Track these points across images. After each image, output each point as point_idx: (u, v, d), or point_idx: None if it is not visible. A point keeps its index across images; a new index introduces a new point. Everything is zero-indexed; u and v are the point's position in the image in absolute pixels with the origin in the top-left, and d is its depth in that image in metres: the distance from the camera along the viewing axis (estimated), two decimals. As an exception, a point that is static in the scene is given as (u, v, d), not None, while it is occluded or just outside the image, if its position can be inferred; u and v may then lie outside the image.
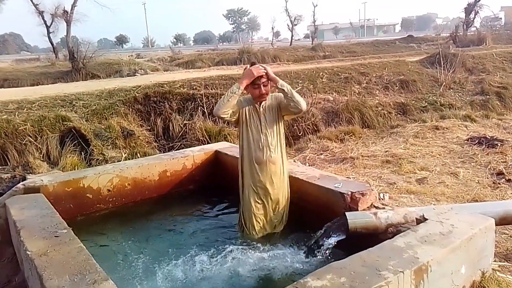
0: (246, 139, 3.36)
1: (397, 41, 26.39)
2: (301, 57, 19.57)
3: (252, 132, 3.33)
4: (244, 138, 3.37)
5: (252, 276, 2.87)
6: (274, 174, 3.37)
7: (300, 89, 8.86)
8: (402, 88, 9.96)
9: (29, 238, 2.70)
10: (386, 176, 5.14)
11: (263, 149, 3.31)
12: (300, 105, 3.21)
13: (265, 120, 3.34)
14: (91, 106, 6.75)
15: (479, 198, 4.34)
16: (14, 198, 3.51)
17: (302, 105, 3.22)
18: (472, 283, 2.65)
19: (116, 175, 4.11)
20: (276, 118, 3.37)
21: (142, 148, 6.31)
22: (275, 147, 3.35)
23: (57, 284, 2.13)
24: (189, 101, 7.50)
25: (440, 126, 7.45)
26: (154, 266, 3.05)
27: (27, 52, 46.14)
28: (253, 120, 3.33)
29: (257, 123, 3.33)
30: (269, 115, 3.35)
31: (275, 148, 3.35)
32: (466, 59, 12.14)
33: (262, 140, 3.31)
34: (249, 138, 3.34)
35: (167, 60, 19.68)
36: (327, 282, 2.07)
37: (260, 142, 3.31)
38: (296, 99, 3.19)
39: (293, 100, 3.19)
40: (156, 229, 3.78)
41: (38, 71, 14.42)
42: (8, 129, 5.66)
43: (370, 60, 12.73)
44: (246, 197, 3.42)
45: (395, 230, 2.90)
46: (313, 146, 6.67)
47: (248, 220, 3.42)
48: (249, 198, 3.40)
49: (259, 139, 3.32)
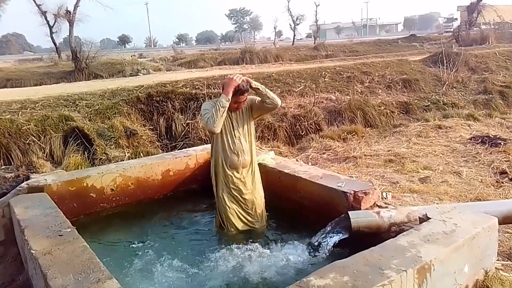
0: (220, 144, 3.46)
1: (399, 40, 26.34)
2: (304, 57, 19.55)
3: (227, 137, 3.44)
4: (218, 142, 3.47)
5: (255, 274, 2.87)
6: (247, 176, 3.53)
7: (303, 88, 8.86)
8: (405, 87, 9.94)
9: (33, 237, 2.72)
10: (389, 175, 5.13)
11: (238, 154, 3.45)
12: (275, 100, 3.40)
13: (237, 125, 3.47)
14: (94, 106, 6.76)
15: (482, 197, 4.33)
16: (18, 198, 3.53)
17: (277, 100, 3.41)
18: (475, 282, 2.65)
19: (120, 174, 4.13)
20: (248, 121, 3.52)
21: (145, 148, 6.31)
22: (248, 151, 3.50)
23: (61, 283, 2.14)
24: (191, 101, 7.50)
25: (443, 125, 7.43)
26: (158, 265, 3.06)
27: (30, 52, 46.20)
28: (227, 125, 3.42)
29: (230, 128, 3.45)
30: (241, 120, 3.49)
31: (248, 152, 3.50)
32: (469, 58, 12.10)
33: (236, 144, 3.45)
34: (223, 143, 3.45)
35: (169, 60, 19.70)
36: (330, 281, 2.08)
37: (234, 146, 3.45)
38: (271, 95, 3.39)
39: (269, 97, 3.37)
40: (159, 229, 3.79)
41: (41, 71, 14.46)
42: (11, 129, 5.66)
43: (372, 59, 12.70)
44: (221, 198, 3.53)
45: (398, 229, 2.91)
46: (315, 146, 6.66)
47: (226, 219, 3.53)
48: (224, 199, 3.52)
49: (233, 144, 3.45)
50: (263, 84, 3.29)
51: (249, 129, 3.53)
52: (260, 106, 3.46)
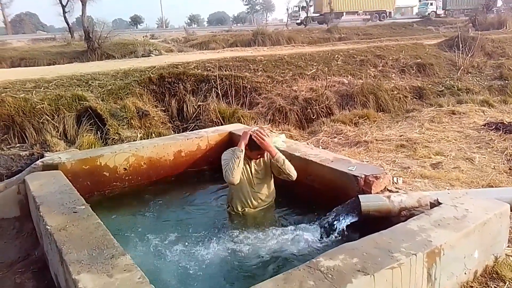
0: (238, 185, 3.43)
1: (415, 24, 25.85)
2: (316, 39, 19.34)
3: (245, 183, 3.46)
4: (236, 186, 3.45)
5: (265, 255, 2.91)
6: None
7: (315, 71, 8.79)
8: (419, 72, 9.80)
9: (48, 213, 2.78)
10: (400, 160, 5.11)
11: (251, 202, 3.51)
12: (291, 177, 3.39)
13: (257, 174, 3.51)
14: (106, 86, 6.80)
15: (495, 184, 4.29)
16: (33, 175, 3.60)
17: (292, 177, 3.40)
18: (484, 268, 2.66)
19: (132, 154, 4.17)
20: (267, 171, 3.54)
21: (157, 129, 6.36)
22: (263, 199, 3.55)
23: (76, 257, 2.20)
24: (203, 83, 7.51)
25: (457, 111, 7.34)
26: (169, 243, 3.11)
27: (43, 31, 46.34)
28: (245, 173, 3.45)
29: (250, 176, 3.49)
30: (261, 170, 3.52)
31: (263, 200, 3.56)
32: (486, 42, 11.85)
33: (254, 191, 3.50)
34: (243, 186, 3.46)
35: (181, 41, 19.65)
36: (340, 262, 2.10)
37: (252, 193, 3.49)
38: (287, 171, 3.37)
39: (285, 172, 3.37)
40: (171, 208, 3.85)
41: (54, 50, 14.54)
42: (26, 108, 5.75)
43: (386, 42, 12.52)
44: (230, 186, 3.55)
45: (409, 213, 2.90)
46: (326, 130, 6.64)
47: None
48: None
49: (251, 191, 3.49)
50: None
51: (268, 178, 3.57)
52: (276, 171, 3.49)
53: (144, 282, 1.96)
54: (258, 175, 3.50)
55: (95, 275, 2.03)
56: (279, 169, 3.39)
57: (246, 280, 2.65)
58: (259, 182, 3.51)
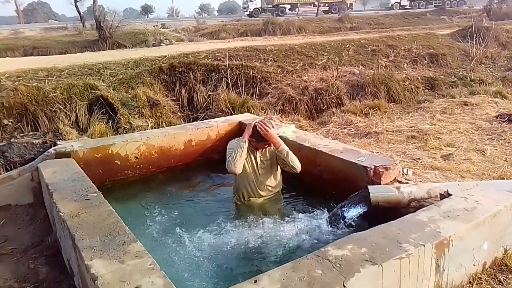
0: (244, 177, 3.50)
1: (427, 13, 25.45)
2: (327, 29, 19.15)
3: (250, 172, 3.49)
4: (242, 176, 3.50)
5: (274, 244, 2.94)
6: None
7: (325, 61, 8.74)
8: (431, 62, 9.69)
9: (61, 200, 2.83)
10: (410, 151, 5.08)
11: (256, 192, 3.53)
12: (295, 169, 3.41)
13: (262, 164, 3.52)
14: (118, 75, 6.84)
15: (506, 176, 4.25)
16: (47, 162, 3.65)
17: (297, 169, 3.41)
18: (494, 260, 2.65)
19: (143, 143, 4.21)
20: (273, 161, 3.54)
21: (167, 118, 6.40)
22: (269, 189, 3.57)
23: (89, 244, 2.24)
24: (213, 72, 7.51)
25: (469, 102, 7.25)
26: (179, 231, 3.15)
27: (54, 20, 46.57)
28: (251, 162, 3.48)
29: (255, 166, 3.51)
30: (267, 159, 3.54)
31: (269, 191, 3.58)
32: (500, 33, 11.64)
33: (259, 181, 3.52)
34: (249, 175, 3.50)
35: (191, 31, 19.59)
36: (348, 251, 2.11)
37: (256, 183, 3.51)
38: (291, 164, 3.38)
39: (289, 164, 3.39)
40: (181, 196, 3.89)
41: (66, 39, 14.61)
42: (38, 96, 5.81)
43: (398, 32, 12.36)
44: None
45: (418, 205, 2.90)
46: (336, 120, 6.61)
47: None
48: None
49: (256, 181, 3.51)
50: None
51: (274, 167, 3.58)
52: (280, 163, 3.51)
53: (155, 268, 1.99)
54: (263, 165, 3.51)
55: (107, 261, 2.07)
56: (283, 160, 3.41)
57: (254, 268, 2.69)
58: (264, 172, 3.52)
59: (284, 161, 3.40)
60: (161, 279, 1.91)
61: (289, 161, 3.37)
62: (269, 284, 1.87)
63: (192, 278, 2.61)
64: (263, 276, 1.93)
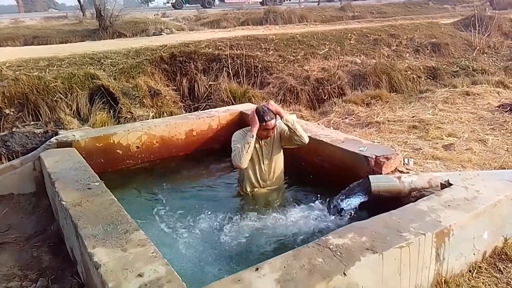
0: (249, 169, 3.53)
1: (430, 2, 25.19)
2: (329, 18, 18.98)
3: (254, 162, 3.50)
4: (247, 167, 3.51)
5: (276, 233, 2.96)
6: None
7: (327, 51, 8.69)
8: (434, 52, 9.63)
9: (63, 189, 2.85)
10: (412, 141, 5.08)
11: (260, 182, 3.56)
12: (303, 138, 3.43)
13: (267, 153, 3.53)
14: (118, 65, 6.82)
15: (507, 166, 4.25)
16: (48, 152, 3.67)
17: (305, 138, 3.44)
18: (494, 249, 2.67)
19: (145, 132, 4.22)
20: (277, 150, 3.55)
21: (168, 108, 6.39)
22: (272, 179, 3.60)
23: (91, 232, 2.26)
24: (214, 62, 7.47)
25: (471, 92, 7.22)
26: (180, 220, 3.18)
27: (54, 9, 46.27)
28: (255, 153, 3.48)
29: (259, 156, 3.51)
30: (270, 148, 3.54)
31: (273, 181, 3.60)
32: (503, 22, 11.55)
33: (263, 171, 3.54)
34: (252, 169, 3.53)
35: (192, 20, 19.42)
36: (348, 240, 2.13)
37: (260, 173, 3.54)
38: (299, 133, 3.41)
39: (297, 134, 3.39)
40: (182, 185, 3.91)
41: (66, 28, 14.52)
42: (39, 86, 5.79)
43: (401, 21, 12.28)
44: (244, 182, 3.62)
45: (419, 194, 2.91)
46: (338, 110, 6.60)
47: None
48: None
49: (259, 171, 3.54)
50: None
51: (277, 157, 3.58)
52: (287, 138, 3.50)
53: (157, 256, 2.01)
54: (267, 155, 3.52)
55: (110, 249, 2.09)
56: (290, 132, 3.41)
57: (255, 256, 2.71)
58: (268, 162, 3.53)
59: (291, 130, 3.39)
60: (163, 267, 1.93)
61: (298, 131, 3.39)
62: (270, 272, 1.89)
63: (194, 266, 2.63)
64: (264, 264, 1.94)
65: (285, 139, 3.53)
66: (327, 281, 1.84)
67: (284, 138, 3.53)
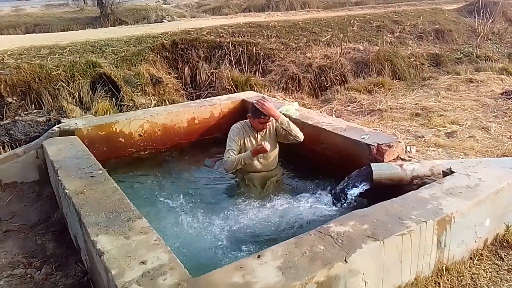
0: None
1: (434, -12, 24.87)
2: (332, 4, 18.76)
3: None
4: None
5: (278, 220, 2.97)
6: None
7: (329, 38, 8.62)
8: (437, 38, 9.55)
9: (66, 178, 2.86)
10: (414, 129, 5.06)
11: (257, 172, 3.60)
12: (298, 138, 3.53)
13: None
14: (120, 53, 6.78)
15: (510, 154, 4.24)
16: (51, 140, 3.68)
17: (299, 137, 3.53)
18: (495, 236, 2.68)
19: (147, 120, 4.22)
20: (271, 142, 3.56)
21: (170, 96, 6.37)
22: (268, 170, 3.66)
23: (94, 220, 2.28)
24: (216, 49, 7.43)
25: (475, 79, 7.17)
26: (181, 207, 3.20)
27: (55, -3, 45.81)
28: (251, 144, 3.55)
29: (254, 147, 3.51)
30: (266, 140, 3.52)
31: (268, 172, 3.66)
32: (508, 8, 11.44)
33: (259, 164, 3.59)
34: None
35: (193, 6, 19.27)
36: (350, 228, 2.14)
37: (256, 166, 3.59)
38: (294, 133, 3.51)
39: (291, 134, 3.47)
40: (184, 173, 3.92)
41: (67, 16, 14.45)
42: (41, 74, 5.78)
43: (404, 7, 12.13)
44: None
45: (421, 182, 2.91)
46: (340, 98, 6.57)
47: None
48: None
49: (256, 164, 3.58)
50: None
51: (273, 150, 3.63)
52: (283, 135, 3.57)
53: (160, 244, 2.03)
54: None
55: (113, 236, 2.11)
56: (285, 132, 3.49)
57: (257, 243, 2.72)
58: (263, 156, 3.59)
59: (286, 131, 3.48)
60: (166, 254, 1.95)
61: (292, 130, 3.48)
62: (272, 259, 1.90)
63: (196, 254, 2.65)
64: (266, 252, 1.96)
65: (281, 136, 3.62)
66: (328, 268, 1.85)
67: (280, 135, 3.62)
